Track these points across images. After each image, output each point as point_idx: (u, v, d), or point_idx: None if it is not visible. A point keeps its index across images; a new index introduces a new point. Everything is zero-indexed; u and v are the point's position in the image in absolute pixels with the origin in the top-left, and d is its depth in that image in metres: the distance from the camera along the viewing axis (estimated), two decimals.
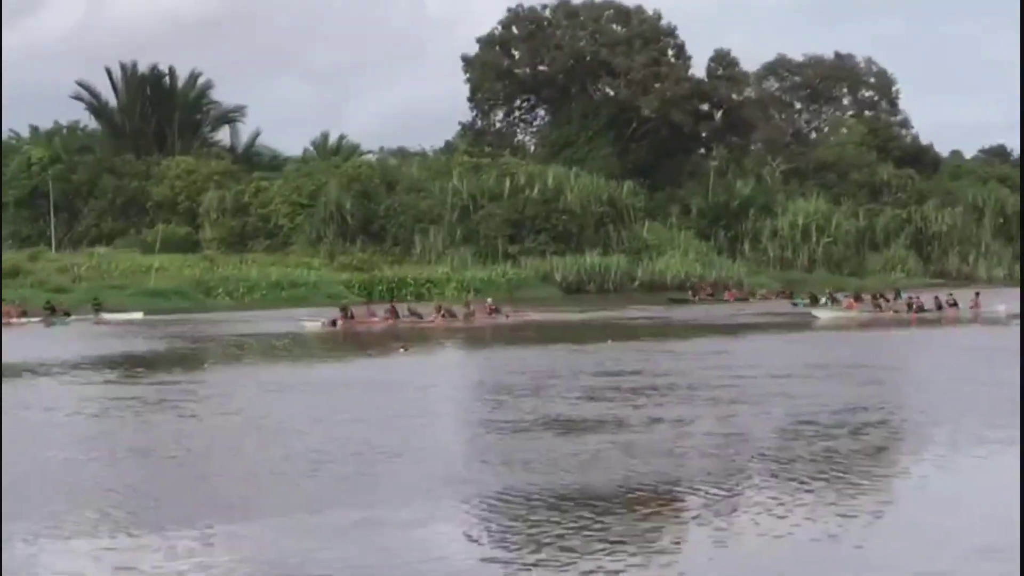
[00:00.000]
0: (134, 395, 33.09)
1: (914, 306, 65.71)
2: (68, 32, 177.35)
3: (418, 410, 28.71)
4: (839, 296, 73.17)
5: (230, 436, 25.09)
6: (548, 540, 15.76)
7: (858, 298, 69.46)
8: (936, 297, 67.77)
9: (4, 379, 37.77)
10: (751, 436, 23.90)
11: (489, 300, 67.82)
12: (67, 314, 66.48)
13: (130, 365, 42.30)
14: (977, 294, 68.91)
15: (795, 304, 74.13)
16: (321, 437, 24.25)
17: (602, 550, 15.06)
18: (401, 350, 46.50)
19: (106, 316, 66.94)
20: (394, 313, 61.59)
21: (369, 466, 20.99)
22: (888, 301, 68.72)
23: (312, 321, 59.13)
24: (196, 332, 58.47)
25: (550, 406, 28.30)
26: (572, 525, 16.48)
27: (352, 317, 59.60)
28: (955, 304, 65.62)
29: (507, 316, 62.98)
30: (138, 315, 67.04)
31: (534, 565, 14.59)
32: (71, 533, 16.05)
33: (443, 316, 61.35)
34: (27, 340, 51.01)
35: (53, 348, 47.39)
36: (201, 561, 14.03)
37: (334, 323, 58.34)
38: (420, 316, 62.03)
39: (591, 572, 14.07)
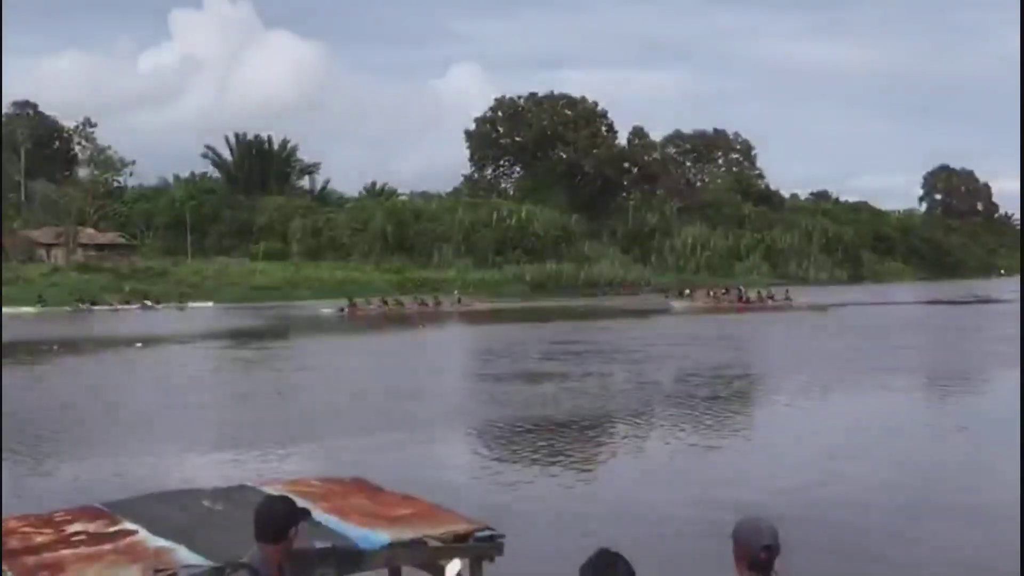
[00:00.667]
0: (240, 356, 33.65)
1: (742, 298, 65.50)
2: (201, 111, 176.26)
3: (431, 366, 29.33)
4: (688, 291, 73.07)
5: (307, 384, 25.73)
6: (526, 454, 16.51)
7: (704, 293, 69.70)
8: (758, 292, 67.76)
9: (149, 346, 38.04)
10: (656, 383, 24.64)
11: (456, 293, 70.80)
12: (157, 302, 65.92)
13: (236, 336, 42.74)
14: (787, 291, 67.59)
15: (666, 296, 72.62)
16: (367, 385, 24.93)
17: (562, 460, 15.79)
18: (421, 327, 46.97)
19: (191, 305, 66.45)
20: (385, 303, 62.06)
21: (399, 404, 21.71)
22: (724, 294, 68.70)
23: (327, 309, 59.22)
24: (284, 314, 58.76)
25: (518, 364, 28.99)
26: (541, 444, 17.21)
27: (355, 306, 59.76)
28: (771, 297, 65.34)
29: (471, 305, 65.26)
30: (209, 304, 66.80)
31: (518, 470, 15.30)
32: (198, 451, 16.65)
33: (438, 304, 63.35)
34: (150, 320, 50.40)
35: (177, 326, 47.16)
36: (293, 468, 14.41)
37: (342, 310, 58.43)
38: (427, 304, 62.98)
39: (557, 475, 14.77)
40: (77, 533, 5.72)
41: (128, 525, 5.82)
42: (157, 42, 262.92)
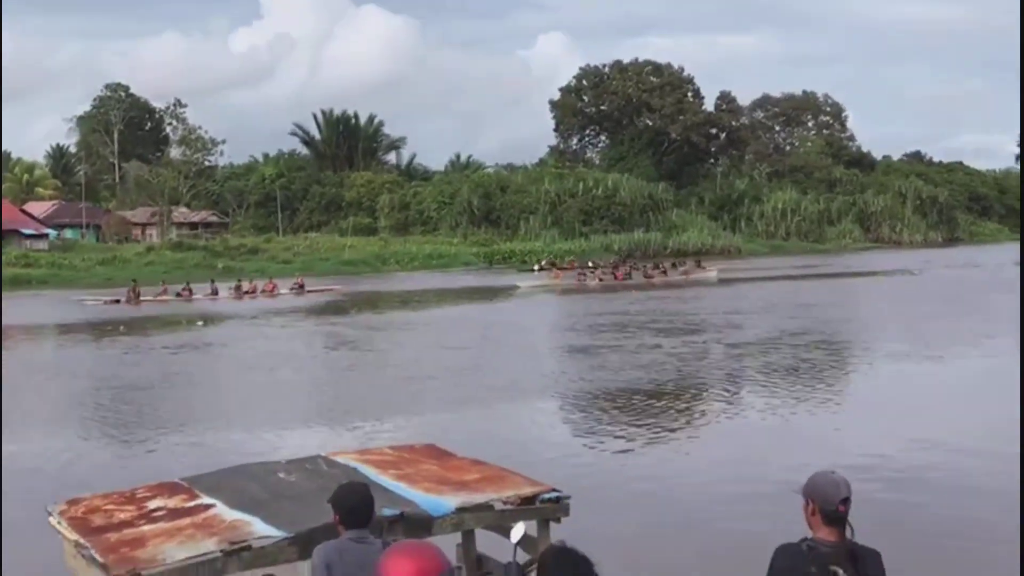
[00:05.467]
0: (329, 331, 33.96)
1: (619, 273, 59.63)
2: (291, 91, 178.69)
3: (508, 341, 29.29)
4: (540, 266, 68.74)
5: (392, 357, 25.96)
6: (605, 420, 16.53)
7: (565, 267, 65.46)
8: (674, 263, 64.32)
9: (243, 322, 38.63)
10: (710, 355, 24.37)
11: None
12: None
13: (321, 311, 43.18)
14: (699, 263, 64.02)
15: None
16: (452, 358, 25.07)
17: (641, 425, 15.80)
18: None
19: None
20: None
21: (484, 376, 21.84)
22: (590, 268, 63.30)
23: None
24: (374, 287, 59.13)
25: (583, 338, 28.85)
26: (618, 410, 17.22)
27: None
28: (665, 272, 60.25)
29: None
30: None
31: (596, 435, 15.36)
32: (281, 425, 16.94)
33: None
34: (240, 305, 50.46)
35: (266, 304, 47.34)
36: (393, 437, 14.53)
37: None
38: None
39: (635, 439, 14.78)
40: (157, 509, 5.92)
41: (206, 499, 6.01)
42: (248, 21, 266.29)
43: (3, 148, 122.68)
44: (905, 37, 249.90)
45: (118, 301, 49.02)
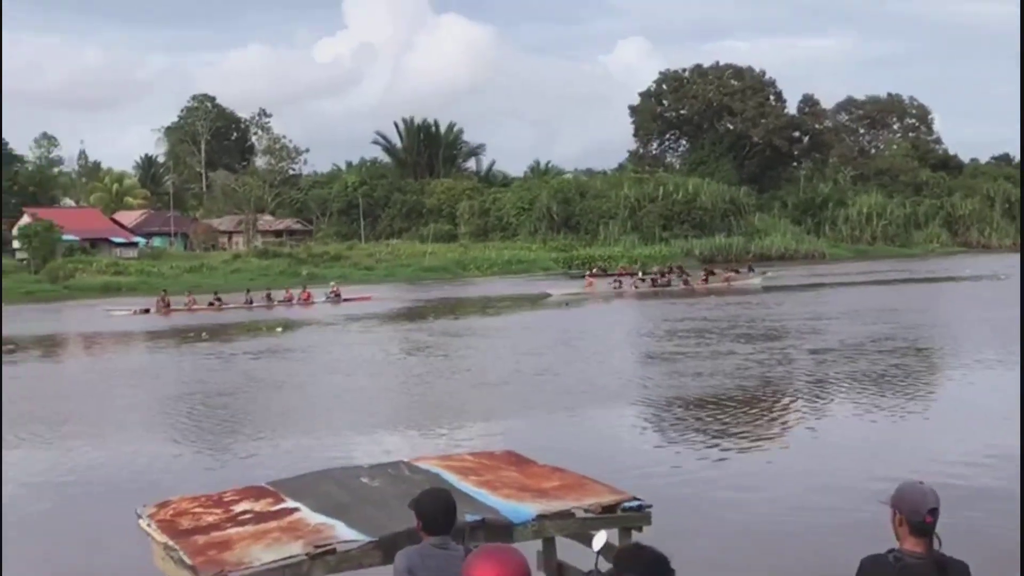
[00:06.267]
0: (406, 337, 34.12)
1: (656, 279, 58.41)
2: (373, 99, 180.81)
3: (583, 346, 29.17)
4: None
5: (468, 362, 26.00)
6: (686, 427, 16.40)
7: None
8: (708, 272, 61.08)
9: (320, 328, 38.98)
10: (794, 360, 24.06)
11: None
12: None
13: (398, 317, 43.44)
14: (736, 271, 61.91)
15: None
16: (527, 363, 25.04)
17: (723, 433, 15.63)
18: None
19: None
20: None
21: (559, 381, 21.80)
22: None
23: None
24: (454, 293, 59.32)
25: (663, 344, 28.62)
26: (703, 418, 17.07)
27: None
28: (705, 280, 57.42)
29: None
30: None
31: (676, 443, 15.24)
32: (361, 430, 17.06)
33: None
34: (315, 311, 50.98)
35: (342, 311, 47.74)
36: (472, 444, 14.55)
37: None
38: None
39: (726, 447, 14.61)
40: (244, 512, 6.01)
41: (290, 503, 6.09)
42: (332, 32, 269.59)
43: (91, 157, 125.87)
44: (990, 36, 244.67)
45: (147, 311, 48.84)
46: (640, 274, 61.54)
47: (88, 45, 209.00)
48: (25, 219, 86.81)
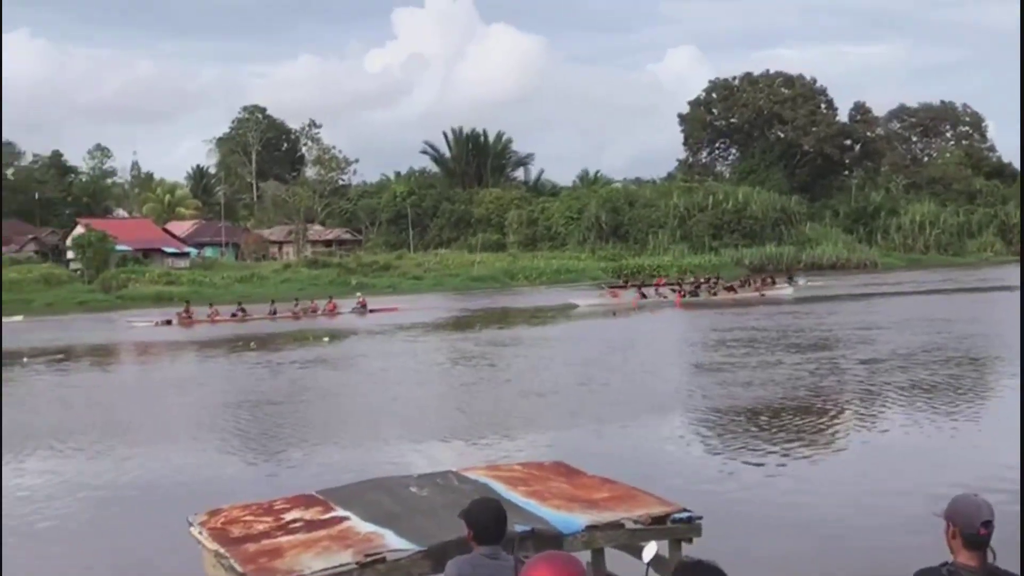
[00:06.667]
0: (452, 347, 34.12)
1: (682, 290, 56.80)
2: (421, 109, 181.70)
3: (635, 357, 29.03)
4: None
5: (515, 372, 25.98)
6: (736, 438, 16.28)
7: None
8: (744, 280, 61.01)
9: (370, 335, 39.13)
10: (845, 370, 23.80)
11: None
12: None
13: (444, 327, 43.46)
14: (765, 280, 61.09)
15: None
16: (574, 373, 25.00)
17: (774, 444, 15.51)
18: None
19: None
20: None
21: (607, 391, 21.75)
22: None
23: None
24: (502, 303, 59.22)
25: (712, 354, 28.40)
26: (749, 428, 16.96)
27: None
28: (734, 290, 56.40)
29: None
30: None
31: (726, 454, 15.12)
32: (409, 439, 17.08)
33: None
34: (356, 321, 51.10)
35: (390, 319, 47.81)
36: (520, 454, 14.61)
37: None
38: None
39: (778, 458, 14.48)
40: (294, 520, 6.07)
41: (340, 512, 6.13)
42: (382, 43, 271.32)
43: (144, 168, 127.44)
44: None
45: (169, 322, 48.70)
46: (659, 286, 59.96)
47: (142, 57, 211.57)
48: (79, 229, 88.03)
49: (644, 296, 55.56)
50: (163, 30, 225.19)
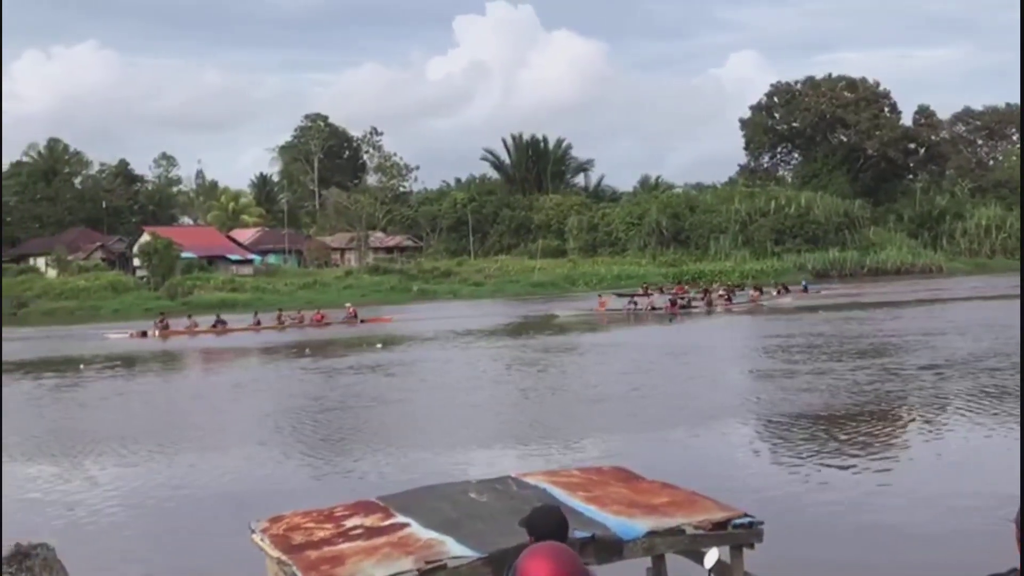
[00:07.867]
0: (507, 353, 34.05)
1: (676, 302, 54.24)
2: (482, 116, 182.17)
3: (692, 363, 28.81)
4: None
5: (570, 378, 25.93)
6: (796, 444, 16.10)
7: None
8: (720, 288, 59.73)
9: (423, 342, 39.17)
10: (909, 376, 23.37)
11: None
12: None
13: (497, 333, 43.41)
14: (783, 286, 60.84)
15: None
16: (630, 379, 24.85)
17: (836, 450, 15.31)
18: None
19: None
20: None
21: (663, 397, 21.61)
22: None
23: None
24: (558, 307, 58.74)
25: (770, 360, 28.10)
26: (810, 434, 16.77)
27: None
28: (728, 299, 55.11)
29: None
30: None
31: (786, 460, 14.95)
32: (467, 445, 17.08)
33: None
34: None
35: (445, 326, 47.92)
36: (578, 459, 14.53)
37: None
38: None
39: (841, 464, 14.29)
40: (355, 527, 6.07)
41: (400, 518, 6.13)
42: (444, 50, 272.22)
43: (208, 177, 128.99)
44: None
45: (144, 334, 47.85)
46: (657, 295, 58.10)
47: (207, 67, 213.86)
48: (145, 237, 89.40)
49: (635, 305, 53.72)
50: (228, 41, 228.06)
